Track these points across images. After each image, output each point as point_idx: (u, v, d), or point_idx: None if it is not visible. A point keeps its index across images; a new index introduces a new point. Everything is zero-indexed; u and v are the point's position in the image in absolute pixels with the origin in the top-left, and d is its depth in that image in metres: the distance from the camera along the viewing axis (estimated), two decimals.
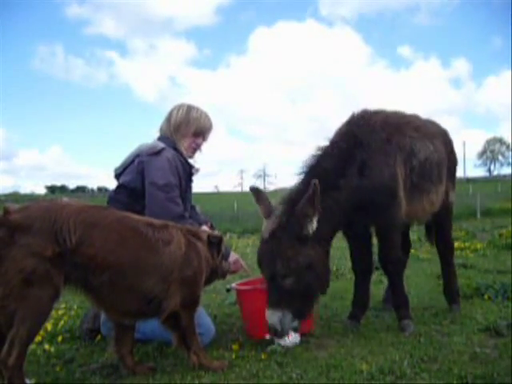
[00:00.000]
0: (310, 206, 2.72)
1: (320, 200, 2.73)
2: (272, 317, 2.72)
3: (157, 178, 2.92)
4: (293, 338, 2.92)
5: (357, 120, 3.22)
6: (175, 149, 3.12)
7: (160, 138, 3.21)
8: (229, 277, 3.28)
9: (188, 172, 3.18)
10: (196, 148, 3.24)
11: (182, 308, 2.42)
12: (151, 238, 2.35)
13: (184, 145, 3.17)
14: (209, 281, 2.69)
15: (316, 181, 2.69)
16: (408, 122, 3.45)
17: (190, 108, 3.20)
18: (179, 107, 3.22)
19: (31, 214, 2.15)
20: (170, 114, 3.21)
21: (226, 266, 2.83)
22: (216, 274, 2.71)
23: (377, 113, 3.32)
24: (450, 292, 3.82)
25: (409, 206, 3.25)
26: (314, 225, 2.75)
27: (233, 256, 3.11)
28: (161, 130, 3.25)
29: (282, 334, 2.77)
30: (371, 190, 3.00)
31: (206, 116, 3.24)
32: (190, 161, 3.23)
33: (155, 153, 3.00)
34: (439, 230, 3.92)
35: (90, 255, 2.17)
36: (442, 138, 3.67)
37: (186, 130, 3.16)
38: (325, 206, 2.80)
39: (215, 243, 2.66)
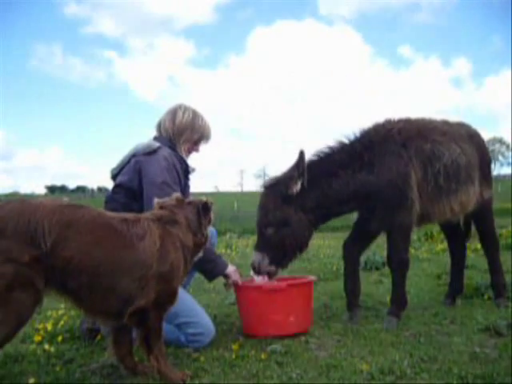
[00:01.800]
0: (296, 170, 3.21)
1: (316, 179, 3.25)
2: (254, 256, 3.30)
3: (154, 176, 2.92)
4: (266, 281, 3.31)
5: (377, 127, 3.50)
6: (171, 148, 3.13)
7: (156, 138, 3.22)
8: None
9: (185, 170, 3.20)
10: (192, 152, 3.31)
11: (153, 305, 2.29)
12: (126, 234, 2.24)
13: (185, 147, 3.22)
14: (195, 254, 2.57)
15: (303, 149, 3.22)
16: (434, 127, 3.62)
17: (195, 114, 3.23)
18: (184, 109, 3.22)
19: (3, 216, 2.04)
20: (175, 114, 3.21)
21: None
22: (201, 245, 2.57)
23: (399, 121, 3.57)
24: (496, 286, 3.94)
25: (434, 207, 3.49)
26: (297, 187, 3.20)
27: (231, 267, 3.14)
28: (161, 127, 3.22)
29: (258, 272, 3.28)
30: (379, 186, 3.28)
31: (209, 126, 3.30)
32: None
33: (152, 152, 3.01)
34: (479, 228, 4.06)
35: (66, 257, 2.08)
36: (472, 140, 3.79)
37: (190, 135, 3.21)
38: (318, 185, 3.27)
39: (203, 209, 2.53)
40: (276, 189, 3.25)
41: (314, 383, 2.34)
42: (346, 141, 3.42)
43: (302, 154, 3.22)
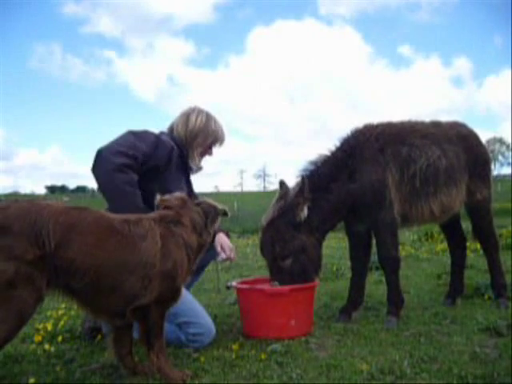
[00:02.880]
0: (301, 196, 3.21)
1: (313, 198, 3.26)
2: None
3: (115, 143, 2.78)
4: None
5: (355, 133, 3.57)
6: (177, 144, 3.10)
7: (162, 133, 3.18)
8: (229, 275, 3.29)
9: (181, 160, 3.12)
10: (206, 155, 3.29)
11: (155, 302, 2.33)
12: (128, 234, 2.27)
13: (198, 151, 3.20)
14: (199, 254, 2.58)
15: (305, 176, 3.27)
16: (414, 130, 3.65)
17: (208, 117, 3.20)
18: (198, 113, 3.20)
19: (11, 214, 2.06)
20: (188, 117, 3.18)
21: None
22: (206, 244, 2.61)
23: (377, 125, 3.62)
24: (497, 287, 3.95)
25: (413, 209, 3.51)
26: (305, 212, 3.22)
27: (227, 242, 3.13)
28: (174, 130, 3.19)
29: None
30: (360, 192, 3.37)
31: (222, 129, 3.29)
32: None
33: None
34: (476, 228, 4.08)
35: (69, 259, 2.11)
36: (462, 141, 3.79)
37: (204, 139, 3.19)
38: (317, 204, 3.29)
39: (210, 212, 2.56)
40: (285, 219, 3.23)
41: (314, 383, 2.34)
42: (328, 152, 3.48)
43: (303, 179, 3.25)
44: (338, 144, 3.53)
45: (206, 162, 3.33)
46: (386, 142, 3.47)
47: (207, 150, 3.26)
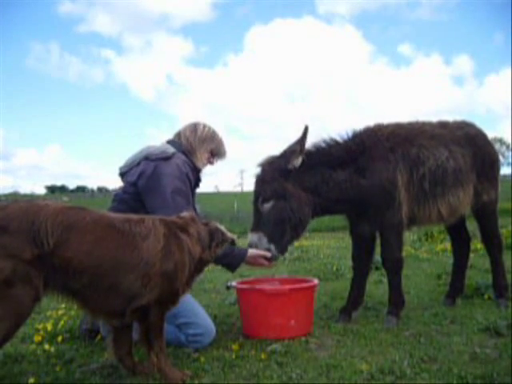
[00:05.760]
0: (299, 145, 3.22)
1: (317, 168, 3.27)
2: (250, 238, 3.24)
3: (165, 184, 2.92)
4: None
5: (367, 131, 3.55)
6: (184, 154, 3.14)
7: (169, 142, 3.21)
8: (229, 275, 3.30)
9: (196, 177, 3.21)
10: (207, 164, 3.33)
11: (155, 303, 2.33)
12: (128, 233, 2.27)
13: (204, 157, 3.25)
14: (199, 270, 2.58)
15: (307, 125, 3.22)
16: (422, 131, 3.64)
17: (215, 131, 3.33)
18: (204, 125, 3.31)
19: (9, 214, 2.08)
20: (196, 126, 3.28)
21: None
22: (207, 262, 2.61)
23: (387, 125, 3.63)
24: (498, 287, 3.95)
25: (420, 211, 3.51)
26: (298, 161, 3.20)
27: (250, 254, 3.10)
28: (182, 135, 3.25)
29: None
30: (370, 190, 3.33)
31: (225, 145, 3.38)
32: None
33: (166, 158, 3.01)
34: (481, 229, 4.08)
35: (67, 258, 2.11)
36: (469, 142, 3.77)
37: (211, 146, 3.27)
38: (317, 171, 3.28)
39: (215, 234, 2.58)
40: (275, 163, 3.25)
41: (314, 383, 2.34)
42: (340, 139, 3.45)
43: (306, 129, 3.22)
44: (350, 135, 3.48)
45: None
46: (397, 142, 3.47)
47: (210, 159, 3.32)
